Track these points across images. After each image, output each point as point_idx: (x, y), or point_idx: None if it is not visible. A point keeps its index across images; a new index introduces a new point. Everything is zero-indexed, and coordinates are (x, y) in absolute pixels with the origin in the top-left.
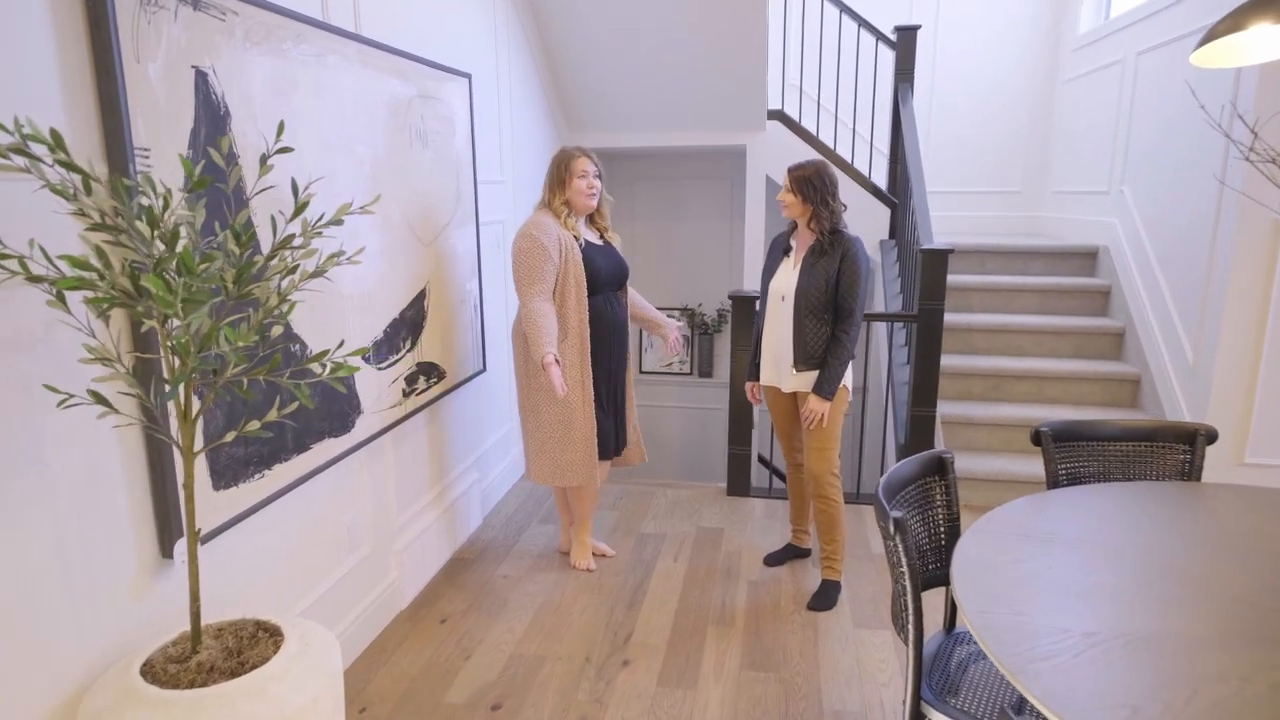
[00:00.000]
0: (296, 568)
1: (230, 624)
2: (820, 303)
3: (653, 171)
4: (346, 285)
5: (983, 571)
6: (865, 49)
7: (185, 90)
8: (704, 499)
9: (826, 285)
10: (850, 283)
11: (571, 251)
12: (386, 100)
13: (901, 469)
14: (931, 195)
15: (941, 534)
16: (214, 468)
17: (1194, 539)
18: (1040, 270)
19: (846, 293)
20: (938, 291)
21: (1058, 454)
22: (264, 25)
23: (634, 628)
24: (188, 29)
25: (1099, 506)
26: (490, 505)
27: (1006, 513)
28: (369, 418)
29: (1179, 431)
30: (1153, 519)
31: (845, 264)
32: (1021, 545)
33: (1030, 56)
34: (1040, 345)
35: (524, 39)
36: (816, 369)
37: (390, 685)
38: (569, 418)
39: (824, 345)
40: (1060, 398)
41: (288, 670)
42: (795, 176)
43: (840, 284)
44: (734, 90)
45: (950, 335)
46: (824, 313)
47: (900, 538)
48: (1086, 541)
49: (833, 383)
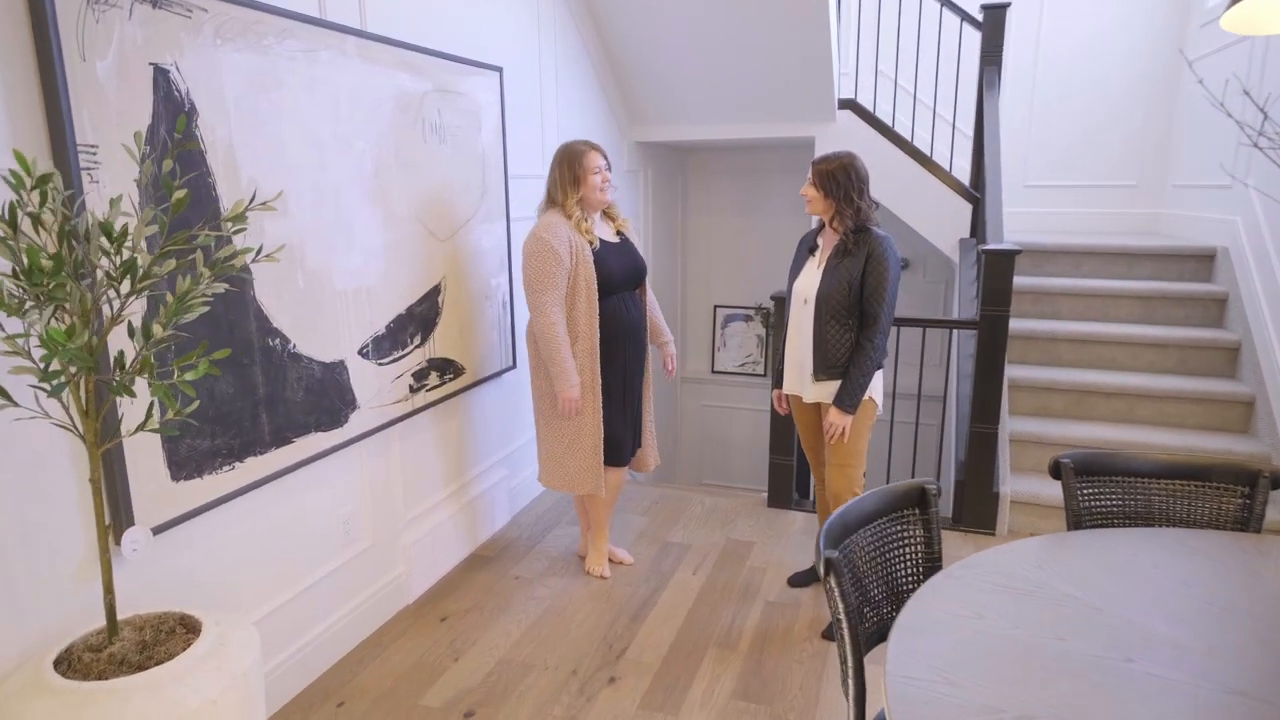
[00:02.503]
0: (280, 559)
1: (155, 617)
2: (843, 307)
3: (727, 165)
4: (339, 280)
5: (933, 627)
6: (955, 31)
7: (142, 88)
8: (741, 509)
9: (850, 288)
10: (876, 285)
11: (583, 254)
12: (393, 95)
13: (865, 501)
14: (1033, 190)
15: (920, 575)
16: (172, 459)
17: (1212, 605)
18: (1146, 274)
19: (872, 296)
20: (1002, 297)
21: (1083, 489)
22: (238, 22)
23: (631, 642)
24: (145, 26)
25: (1114, 556)
26: (521, 503)
27: (996, 556)
28: (366, 413)
29: (1237, 470)
30: (1172, 576)
31: (871, 265)
32: (994, 598)
33: (1151, 32)
34: (1136, 359)
35: (575, 32)
36: (839, 378)
37: (374, 681)
38: (578, 426)
39: (847, 353)
40: (1154, 419)
41: (190, 670)
42: (818, 170)
43: (865, 287)
44: (800, 80)
45: (1031, 344)
46: (847, 318)
47: (835, 580)
48: (1075, 599)
49: (855, 394)
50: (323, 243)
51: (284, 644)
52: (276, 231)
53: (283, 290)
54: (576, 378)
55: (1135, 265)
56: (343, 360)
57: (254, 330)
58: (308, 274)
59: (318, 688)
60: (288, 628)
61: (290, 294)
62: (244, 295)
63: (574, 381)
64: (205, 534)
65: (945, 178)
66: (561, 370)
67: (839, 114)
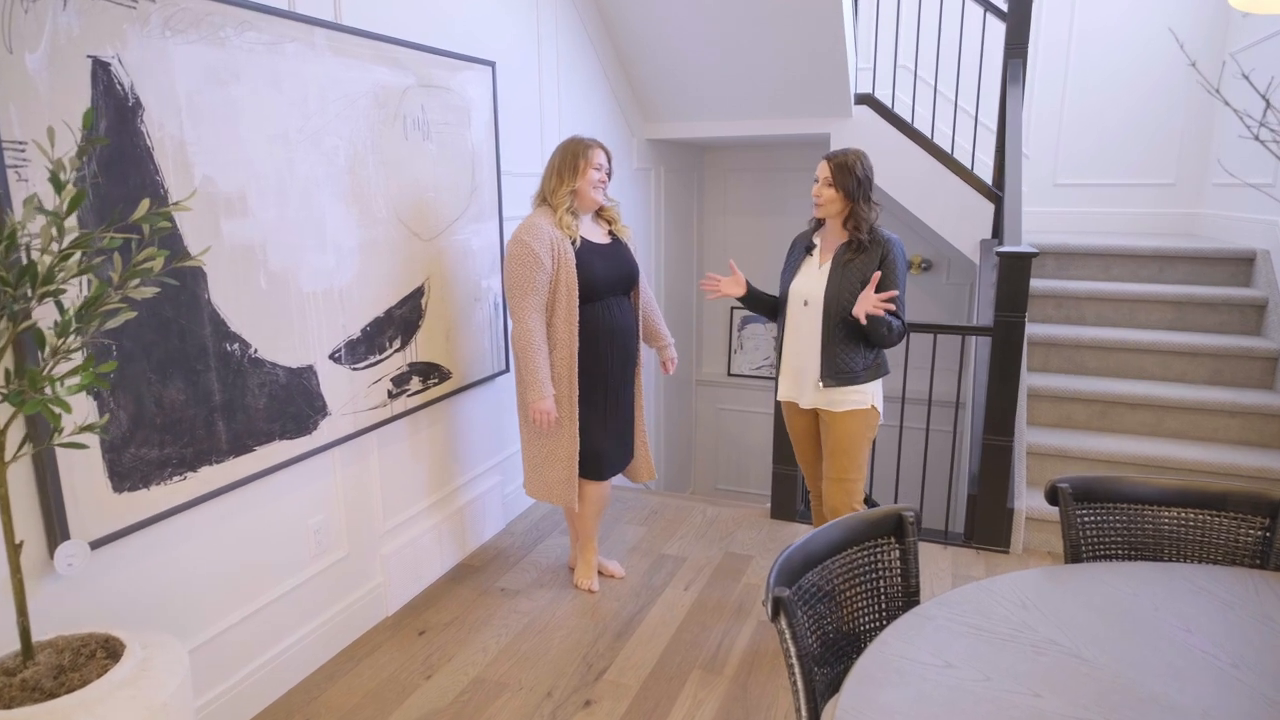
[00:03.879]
0: (242, 571)
1: (78, 639)
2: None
3: (744, 164)
4: (308, 282)
5: (893, 677)
6: (980, 22)
7: (79, 81)
8: (743, 521)
9: (863, 288)
10: (893, 285)
11: (565, 257)
12: (370, 90)
13: (832, 530)
14: (1063, 189)
15: (895, 611)
16: (114, 469)
17: (1217, 658)
18: (1179, 278)
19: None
20: (1018, 301)
21: (1084, 518)
22: (190, 13)
23: (612, 663)
24: (83, 17)
25: (1109, 595)
26: (515, 511)
27: (976, 592)
28: (338, 419)
29: (1255, 500)
30: (1172, 622)
31: (886, 266)
32: (967, 643)
33: (1191, 21)
34: (1167, 368)
35: (580, 27)
36: (848, 384)
37: (341, 698)
38: (554, 436)
39: (858, 358)
40: (1184, 432)
41: (102, 699)
42: (837, 164)
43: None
44: (814, 74)
45: (1054, 351)
46: (856, 320)
47: (786, 622)
48: (1058, 648)
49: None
50: (288, 243)
51: (246, 659)
52: (235, 231)
53: (242, 292)
54: (550, 388)
55: (1168, 268)
56: (311, 365)
57: (209, 335)
58: (271, 275)
59: (284, 703)
60: (251, 641)
61: (251, 296)
62: (196, 298)
63: (547, 392)
64: (155, 547)
65: (966, 176)
66: (534, 379)
67: (856, 110)
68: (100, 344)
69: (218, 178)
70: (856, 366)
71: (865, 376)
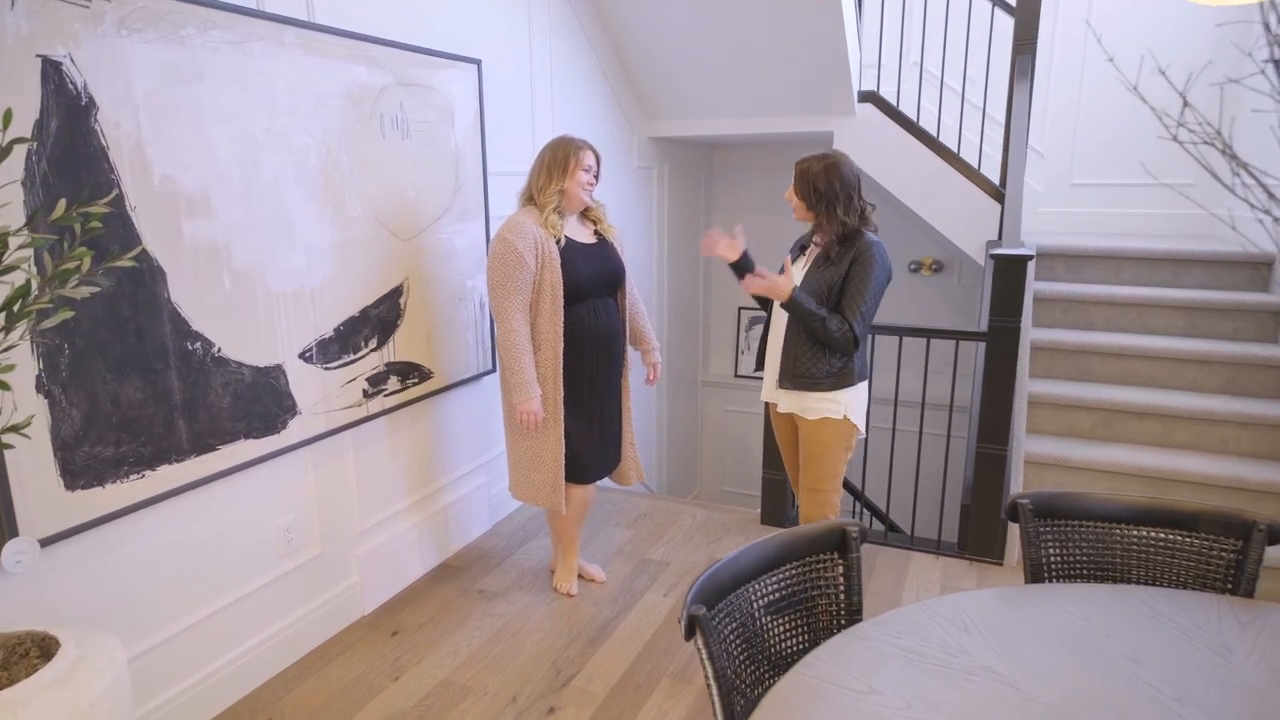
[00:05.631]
0: (206, 569)
1: (15, 636)
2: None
3: (753, 162)
4: (276, 281)
5: (809, 703)
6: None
7: (28, 80)
8: (733, 526)
9: (829, 292)
10: (856, 286)
11: (550, 256)
12: (344, 89)
13: (767, 545)
14: (1079, 189)
15: (841, 628)
16: (67, 467)
17: (1162, 691)
18: (1193, 282)
19: (848, 297)
20: (1013, 306)
21: (1045, 536)
22: (147, 11)
23: (581, 669)
24: (33, 17)
25: (1059, 619)
26: (502, 512)
27: (918, 613)
28: (309, 418)
29: (1228, 521)
30: (1122, 650)
31: (854, 267)
32: (895, 668)
33: (1214, 12)
34: (1177, 376)
35: (575, 24)
36: (805, 389)
37: (307, 698)
38: (539, 438)
39: (820, 363)
40: (1193, 443)
41: (26, 700)
42: (799, 172)
43: (844, 289)
44: (814, 72)
45: (1058, 356)
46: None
47: (703, 642)
48: (992, 675)
49: (802, 306)
50: (255, 242)
51: (211, 656)
52: (198, 231)
53: (205, 291)
54: (537, 389)
55: (1182, 272)
56: (280, 365)
57: (168, 333)
58: (236, 274)
59: (249, 702)
60: (216, 639)
61: (215, 295)
62: (156, 297)
63: (533, 393)
64: (112, 545)
65: (973, 176)
66: (520, 381)
67: (859, 108)
68: (50, 343)
69: (178, 177)
70: (817, 372)
71: (828, 384)
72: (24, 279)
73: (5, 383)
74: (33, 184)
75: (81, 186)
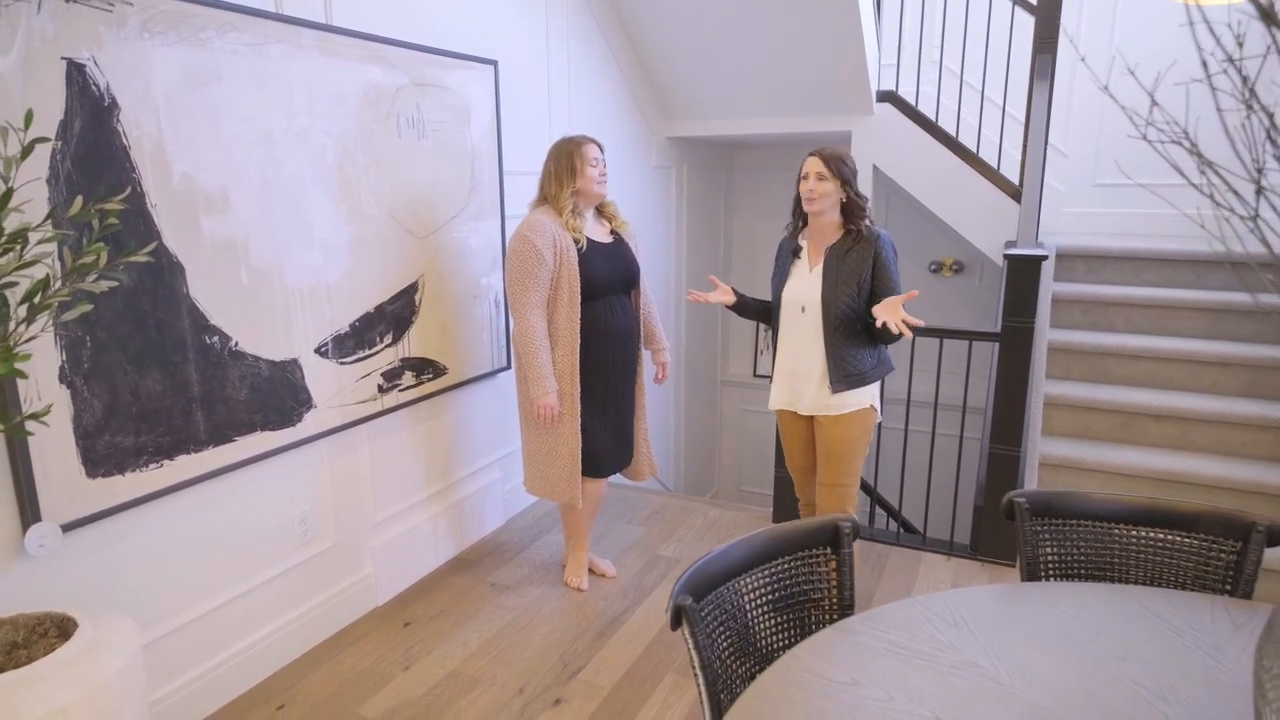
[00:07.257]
0: (221, 557)
1: (35, 617)
2: (854, 310)
3: (773, 162)
4: (293, 277)
5: (792, 694)
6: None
7: (53, 82)
8: (744, 524)
9: (860, 289)
10: (892, 274)
11: (567, 254)
12: (360, 89)
13: (758, 538)
14: (1103, 189)
15: (832, 622)
16: (87, 455)
17: (1146, 691)
18: (1217, 283)
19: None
20: (1026, 307)
21: (1042, 535)
22: (169, 15)
23: (588, 662)
24: (58, 20)
25: (1049, 617)
26: (517, 507)
27: (910, 609)
28: (324, 412)
29: (1227, 521)
30: (1110, 649)
31: (879, 268)
32: (881, 661)
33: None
34: (1197, 378)
35: (594, 26)
36: (859, 385)
37: (320, 685)
38: (556, 433)
39: (865, 358)
40: (1211, 446)
41: (44, 677)
42: (829, 154)
43: (877, 290)
44: (832, 72)
45: (1076, 358)
46: (857, 320)
47: (689, 631)
48: (977, 670)
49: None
50: (272, 239)
51: (227, 643)
52: (216, 228)
53: (223, 287)
54: (554, 384)
55: (1204, 273)
56: (295, 359)
57: (187, 327)
58: (253, 271)
59: (264, 688)
60: (229, 627)
61: (232, 291)
62: (175, 292)
63: (550, 388)
64: (131, 531)
65: (993, 175)
66: (538, 376)
67: (878, 107)
68: (73, 336)
69: (197, 176)
70: (865, 367)
71: (874, 375)
72: (44, 273)
73: (22, 371)
74: (57, 182)
75: (105, 184)
